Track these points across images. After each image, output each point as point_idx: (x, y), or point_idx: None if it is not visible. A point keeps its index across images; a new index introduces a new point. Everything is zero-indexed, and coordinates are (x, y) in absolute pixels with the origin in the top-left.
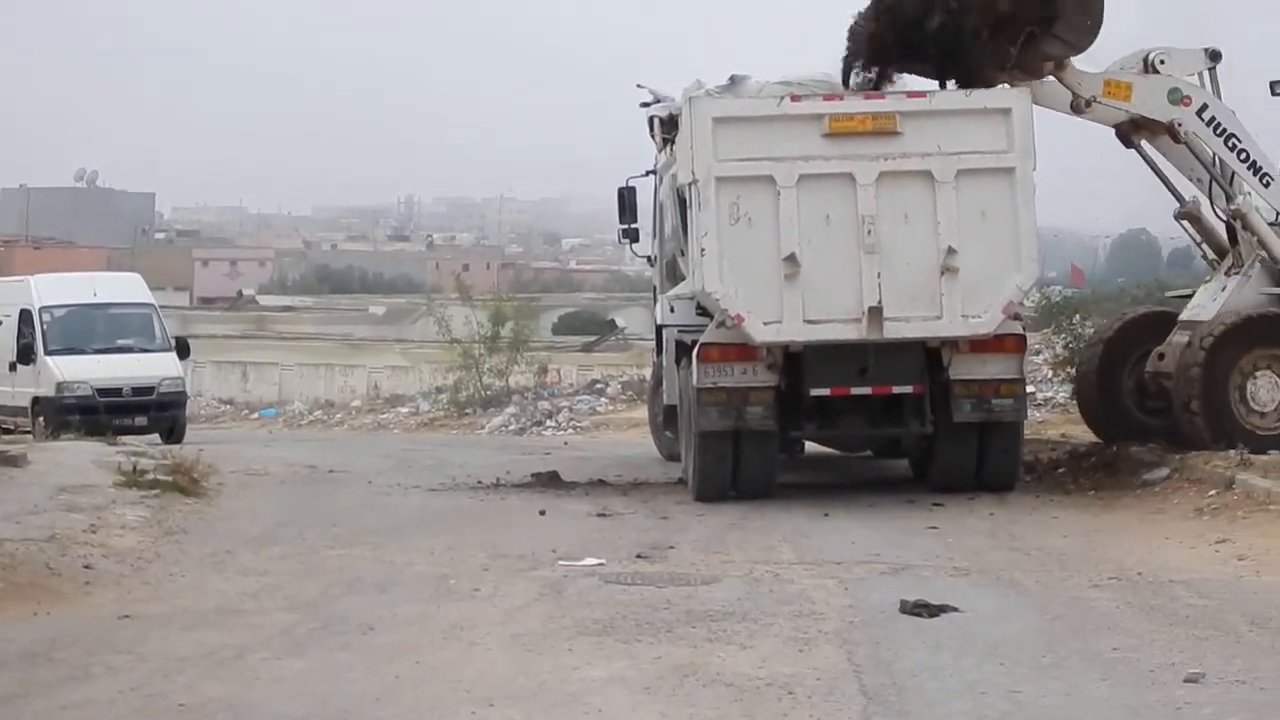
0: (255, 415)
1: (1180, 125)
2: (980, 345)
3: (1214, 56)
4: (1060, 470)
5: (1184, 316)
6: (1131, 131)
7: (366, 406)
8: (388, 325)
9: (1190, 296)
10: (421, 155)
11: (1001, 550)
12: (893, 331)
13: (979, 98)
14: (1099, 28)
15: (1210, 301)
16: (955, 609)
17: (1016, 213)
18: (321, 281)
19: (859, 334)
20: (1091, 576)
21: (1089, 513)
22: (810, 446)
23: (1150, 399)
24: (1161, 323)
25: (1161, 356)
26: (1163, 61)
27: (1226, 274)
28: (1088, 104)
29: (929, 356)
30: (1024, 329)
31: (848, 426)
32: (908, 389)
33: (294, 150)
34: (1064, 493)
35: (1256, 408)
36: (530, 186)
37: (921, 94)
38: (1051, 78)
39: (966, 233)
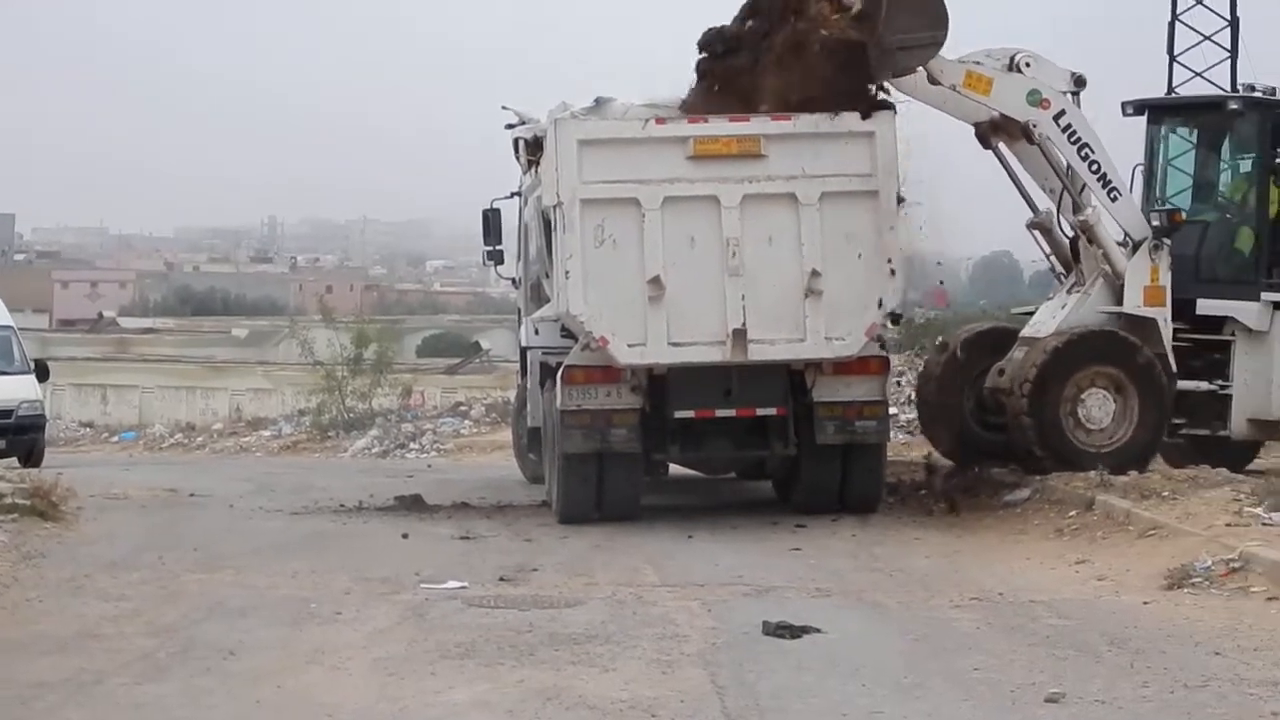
0: (115, 438)
1: (1035, 127)
2: (844, 367)
3: (1079, 82)
4: (922, 492)
5: (1025, 333)
6: (990, 133)
7: (228, 429)
8: (250, 347)
9: (1034, 312)
10: (285, 176)
11: (864, 571)
12: (757, 354)
13: (843, 121)
14: (945, 18)
15: (1050, 318)
16: (818, 630)
17: (880, 236)
18: (183, 303)
19: (723, 356)
20: (953, 597)
21: (951, 534)
22: (674, 468)
23: (990, 414)
24: (1004, 339)
25: (1002, 372)
26: (1029, 64)
27: (1068, 291)
28: (949, 89)
29: (793, 379)
30: (887, 351)
31: (712, 448)
32: (771, 411)
33: (155, 170)
34: (926, 514)
35: (1088, 425)
36: (394, 208)
37: (786, 117)
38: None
39: (830, 255)
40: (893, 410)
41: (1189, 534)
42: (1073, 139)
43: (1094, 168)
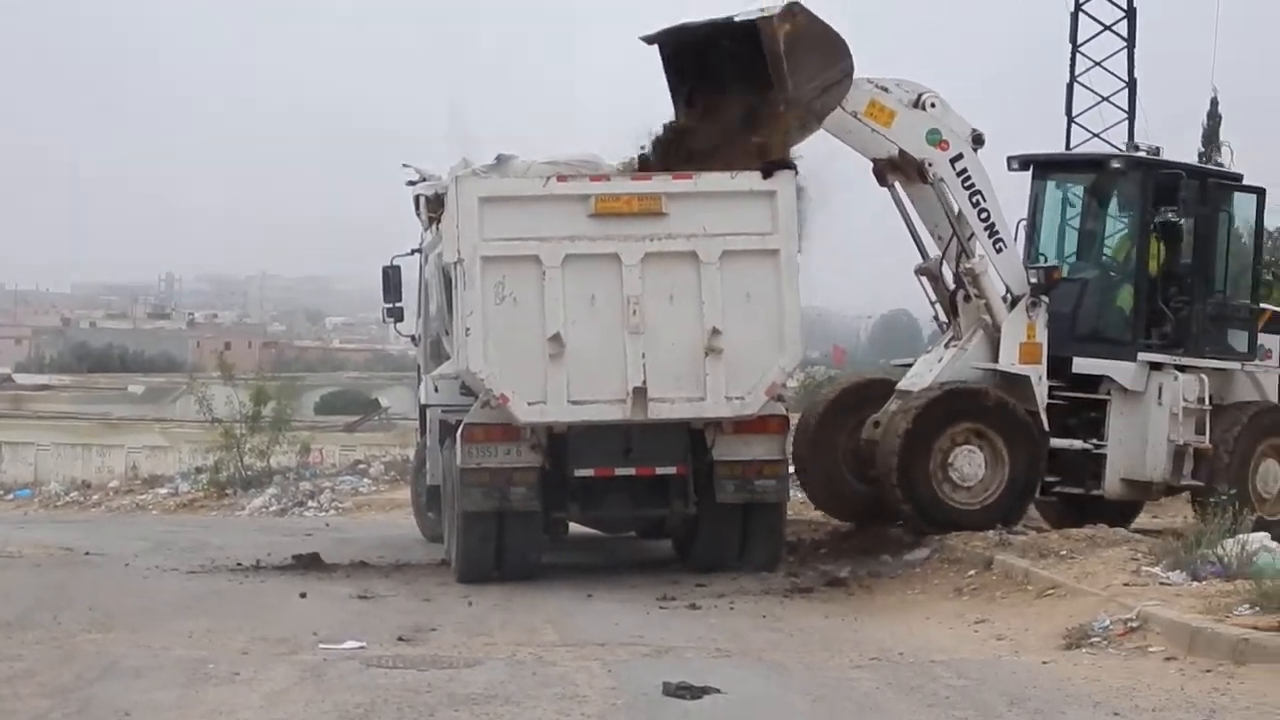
0: (10, 496)
1: (931, 166)
2: (744, 426)
3: (977, 140)
4: (822, 550)
5: (901, 385)
6: (888, 170)
7: (125, 487)
8: (147, 404)
9: (910, 365)
10: (182, 231)
11: (764, 631)
12: (657, 412)
13: (744, 180)
14: (847, 47)
15: (927, 371)
16: (718, 691)
17: (781, 294)
18: (80, 360)
19: (623, 414)
20: (853, 657)
21: (851, 593)
22: (574, 527)
23: (865, 467)
24: (882, 390)
25: (876, 424)
26: (934, 105)
27: (945, 345)
28: (850, 116)
29: (693, 437)
30: (787, 410)
31: (612, 507)
32: (671, 470)
33: (52, 226)
34: (826, 573)
35: (958, 481)
36: (293, 264)
37: (687, 175)
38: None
39: (731, 314)
40: (793, 469)
41: (1087, 593)
42: (966, 184)
43: (983, 216)
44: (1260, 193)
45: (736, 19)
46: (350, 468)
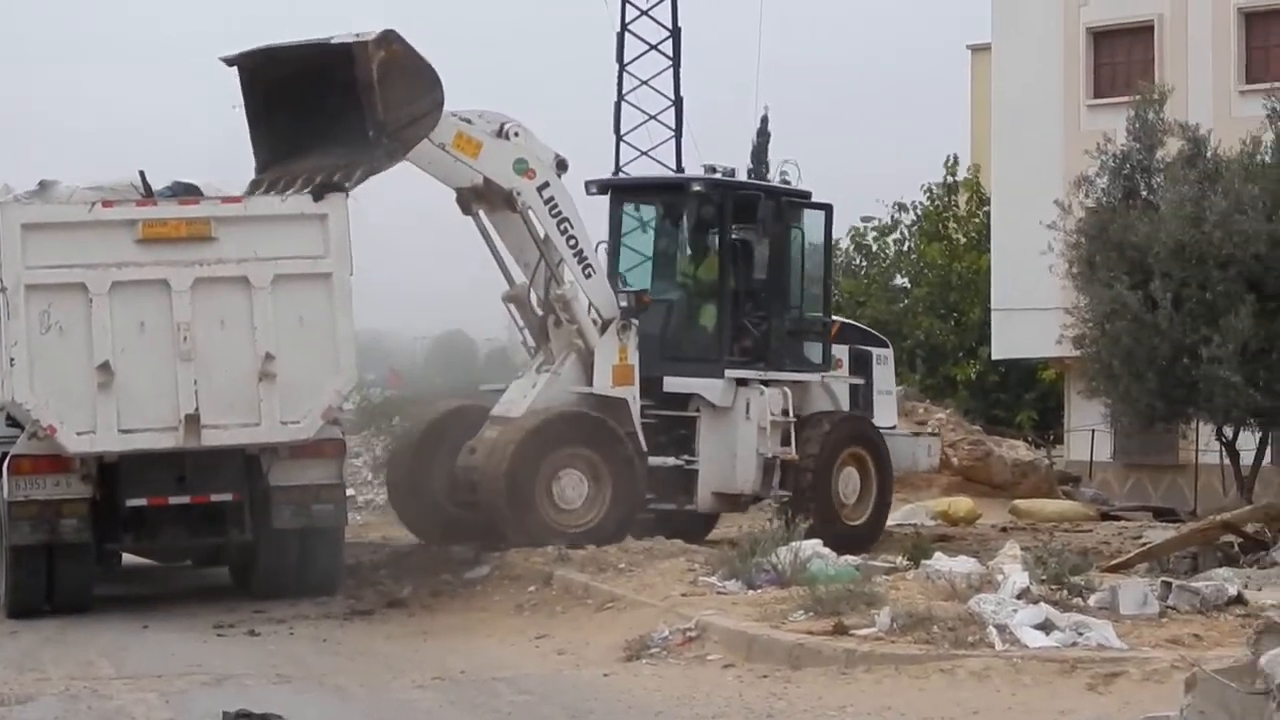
0: None
1: (519, 195)
2: (300, 451)
3: (561, 165)
4: (383, 572)
5: (495, 411)
6: (473, 199)
7: None
8: None
9: (504, 390)
10: None
11: (326, 655)
12: (211, 439)
13: (294, 204)
14: (439, 79)
15: (521, 397)
16: (279, 717)
17: (334, 317)
18: None
19: (176, 442)
20: (416, 678)
21: (412, 614)
22: (129, 557)
23: (462, 493)
24: (473, 416)
25: (473, 451)
26: (517, 134)
27: (538, 370)
28: (438, 148)
29: (249, 463)
30: (344, 433)
31: (167, 537)
32: (227, 497)
33: None
34: (386, 595)
35: (562, 505)
36: None
37: (237, 199)
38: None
39: (285, 339)
40: (351, 492)
41: (646, 605)
42: (554, 212)
43: (571, 243)
44: (828, 209)
45: (333, 40)
46: None
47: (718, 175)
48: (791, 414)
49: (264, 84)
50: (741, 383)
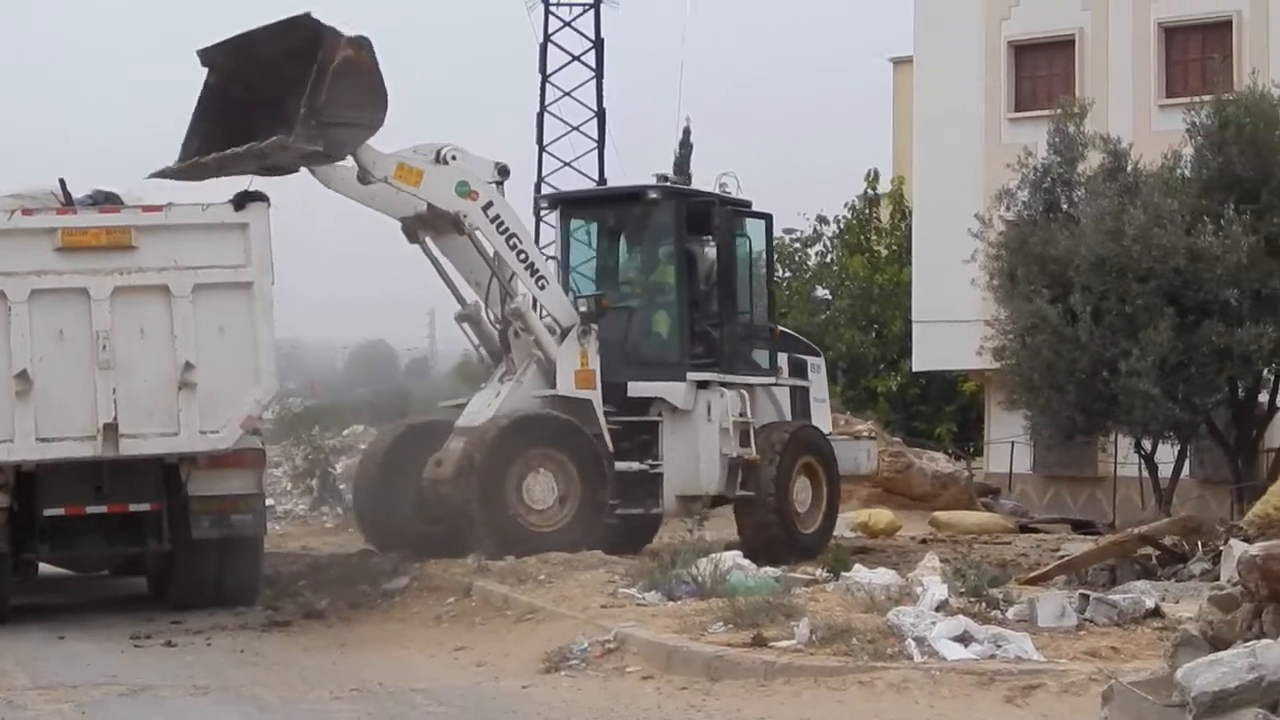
0: None
1: (465, 218)
2: (219, 461)
3: (503, 171)
4: (302, 583)
5: (460, 423)
6: (418, 227)
7: None
8: None
9: (465, 405)
10: None
11: (243, 667)
12: (129, 448)
13: (216, 213)
14: (387, 102)
15: (486, 406)
16: None
17: (254, 327)
18: None
19: (94, 451)
20: (333, 689)
21: (330, 625)
22: (45, 567)
23: (430, 509)
24: (437, 431)
25: (439, 463)
26: (455, 157)
27: (500, 380)
28: (381, 181)
29: (167, 473)
30: (264, 443)
31: (85, 546)
32: (145, 507)
33: None
34: (305, 606)
35: (534, 505)
36: None
37: (158, 208)
38: (349, 161)
39: (205, 348)
40: (270, 502)
41: (566, 616)
42: (501, 229)
43: (522, 257)
44: (768, 218)
45: (312, 15)
46: None
47: (670, 183)
48: (750, 415)
49: (223, 75)
50: (702, 386)
